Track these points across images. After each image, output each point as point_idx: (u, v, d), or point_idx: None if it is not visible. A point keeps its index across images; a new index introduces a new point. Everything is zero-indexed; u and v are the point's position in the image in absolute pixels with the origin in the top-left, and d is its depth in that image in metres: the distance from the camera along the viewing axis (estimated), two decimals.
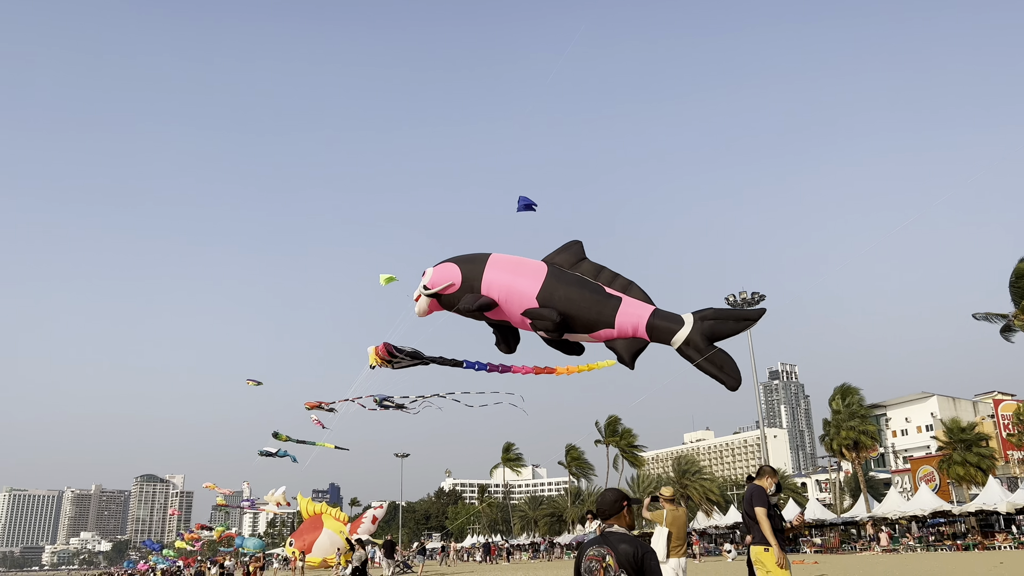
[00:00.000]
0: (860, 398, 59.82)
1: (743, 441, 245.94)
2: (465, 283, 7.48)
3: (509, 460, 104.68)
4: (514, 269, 7.49)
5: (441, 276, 7.64)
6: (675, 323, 6.91)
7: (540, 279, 7.23)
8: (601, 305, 7.06)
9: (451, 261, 7.76)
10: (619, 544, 4.25)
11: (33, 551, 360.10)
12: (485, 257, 7.66)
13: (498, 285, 7.38)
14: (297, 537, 46.76)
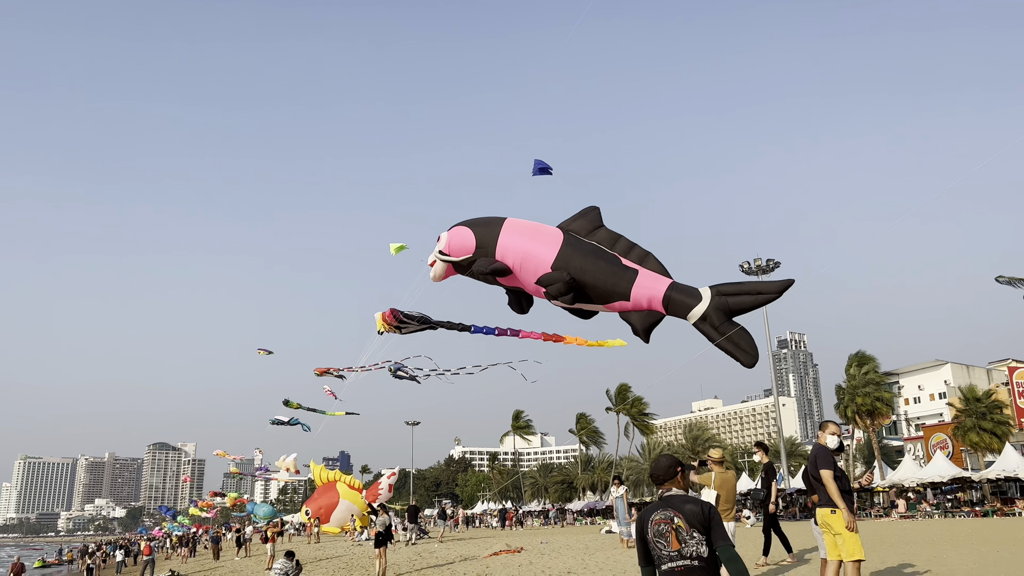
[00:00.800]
0: (876, 365, 59.48)
1: (751, 409, 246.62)
2: (480, 248, 7.37)
3: (519, 428, 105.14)
4: (530, 235, 7.32)
5: (456, 241, 7.52)
6: (692, 297, 6.68)
7: (556, 247, 7.07)
8: (617, 277, 6.90)
9: (466, 225, 7.62)
10: (683, 505, 4.31)
11: (49, 517, 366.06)
12: (500, 221, 7.51)
13: (513, 251, 7.26)
14: (311, 503, 46.91)
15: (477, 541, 28.52)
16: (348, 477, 47.27)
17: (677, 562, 4.19)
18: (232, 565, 31.71)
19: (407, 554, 23.72)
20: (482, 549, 23.24)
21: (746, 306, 6.72)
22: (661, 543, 4.26)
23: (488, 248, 7.36)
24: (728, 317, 6.61)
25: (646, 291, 6.84)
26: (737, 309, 6.66)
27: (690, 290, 6.75)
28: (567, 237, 7.21)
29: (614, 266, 6.98)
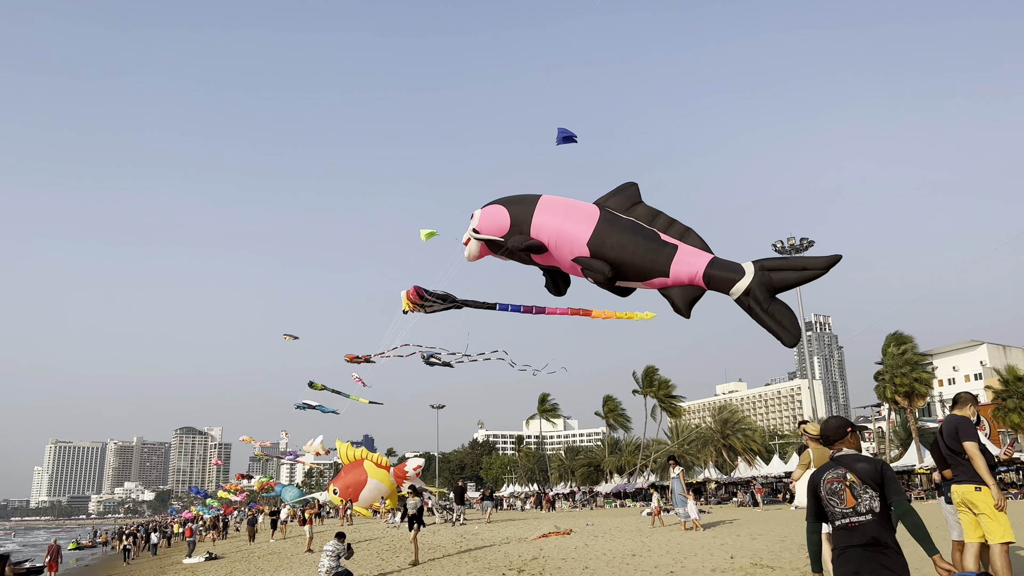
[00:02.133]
0: (914, 346, 58.29)
1: (776, 392, 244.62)
2: (514, 226, 7.22)
3: (545, 411, 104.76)
4: (565, 212, 7.14)
5: (489, 218, 7.38)
6: (735, 272, 6.45)
7: (592, 224, 6.89)
8: (656, 253, 6.70)
9: (500, 203, 7.47)
10: (856, 464, 4.44)
11: (80, 500, 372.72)
12: (535, 199, 7.34)
13: (548, 228, 7.08)
14: (338, 482, 46.70)
15: (520, 523, 28.04)
16: (375, 455, 46.84)
17: (851, 518, 4.36)
18: (269, 547, 31.50)
19: (451, 536, 23.26)
20: (527, 531, 22.74)
21: (790, 282, 6.44)
22: (834, 500, 4.44)
23: (523, 225, 7.18)
24: (771, 293, 6.36)
25: (686, 267, 6.61)
26: (781, 285, 6.40)
27: (732, 265, 6.54)
28: (603, 213, 7.01)
29: (653, 242, 6.76)
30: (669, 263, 6.65)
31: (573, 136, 8.38)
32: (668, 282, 6.74)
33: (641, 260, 6.72)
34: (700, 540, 14.60)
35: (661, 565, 11.59)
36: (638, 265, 6.74)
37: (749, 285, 6.36)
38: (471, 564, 15.00)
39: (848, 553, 4.36)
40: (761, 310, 6.33)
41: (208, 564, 27.70)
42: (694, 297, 6.78)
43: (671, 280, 6.71)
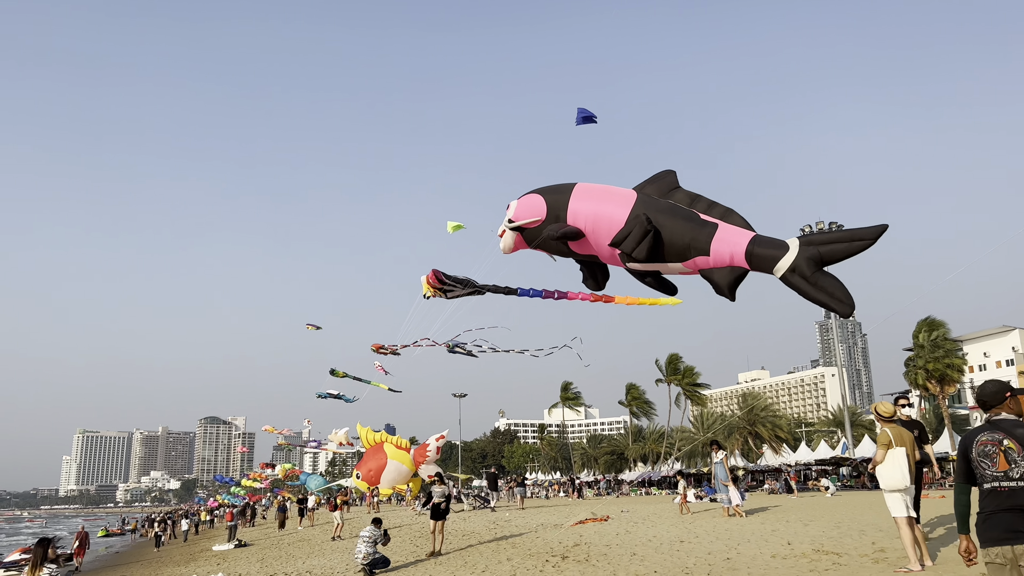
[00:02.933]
0: (946, 331, 57.19)
1: (799, 380, 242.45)
2: (550, 214, 7.08)
3: (568, 399, 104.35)
4: (601, 197, 7.04)
5: (526, 208, 7.23)
6: (778, 249, 6.30)
7: (629, 206, 6.78)
8: (695, 231, 6.55)
9: (535, 192, 7.35)
10: (1015, 429, 4.36)
11: (107, 489, 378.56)
12: (570, 187, 7.22)
13: (584, 214, 6.94)
14: (361, 467, 46.66)
15: (550, 510, 27.71)
16: (395, 438, 46.74)
17: (1002, 482, 4.26)
18: (298, 534, 31.43)
19: (483, 522, 22.97)
20: (560, 518, 22.38)
21: (839, 255, 6.24)
22: (986, 463, 4.35)
23: (559, 214, 7.05)
24: (818, 268, 6.19)
25: (727, 245, 6.46)
26: (830, 259, 6.22)
27: (776, 242, 6.37)
28: (641, 196, 6.90)
29: (692, 221, 6.63)
30: (709, 241, 6.48)
31: (593, 116, 8.28)
32: (709, 261, 6.56)
33: (680, 238, 6.53)
34: (748, 526, 14.13)
35: (714, 551, 11.15)
36: (677, 244, 6.55)
37: (794, 261, 6.17)
38: (510, 550, 14.64)
39: (996, 518, 4.27)
40: (809, 285, 6.14)
41: (238, 551, 27.63)
42: (737, 278, 6.59)
43: (712, 259, 6.53)
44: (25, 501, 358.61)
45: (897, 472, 8.05)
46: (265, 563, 20.42)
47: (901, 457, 8.06)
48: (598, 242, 6.98)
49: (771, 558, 10.00)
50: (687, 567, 10.04)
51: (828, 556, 9.58)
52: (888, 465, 8.15)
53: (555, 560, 12.34)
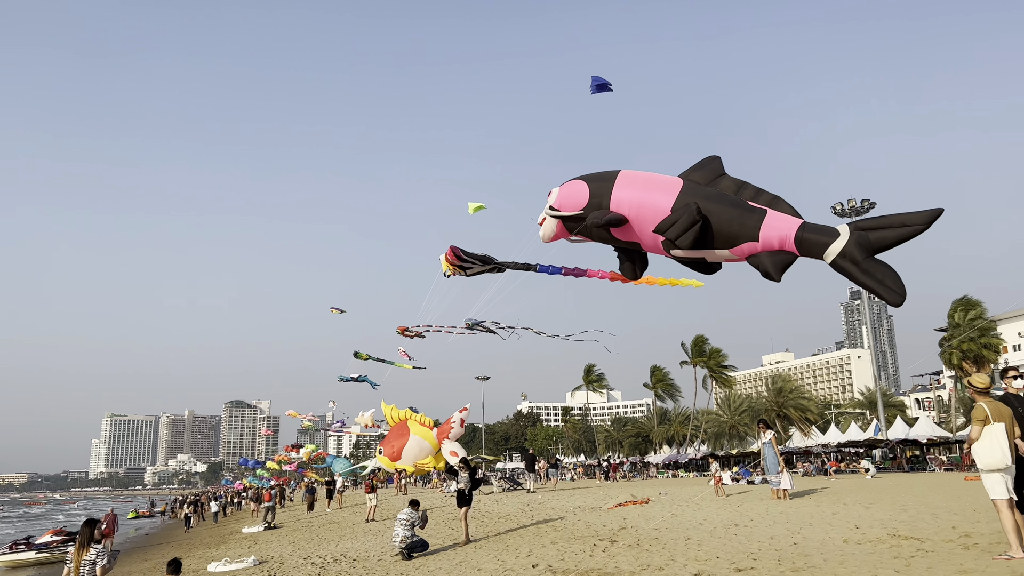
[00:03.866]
0: (983, 310, 55.76)
1: (824, 362, 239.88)
2: (593, 201, 6.99)
3: (591, 381, 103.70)
4: (645, 184, 6.94)
5: (568, 195, 7.12)
6: (828, 235, 6.23)
7: (674, 193, 6.68)
8: (744, 217, 6.46)
9: (578, 179, 7.24)
10: None
11: (136, 472, 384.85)
12: (614, 174, 7.12)
13: (628, 202, 6.85)
14: (385, 445, 46.48)
15: (583, 492, 27.20)
16: (419, 415, 46.55)
17: None
18: (327, 517, 31.22)
19: (517, 504, 22.51)
20: (596, 500, 21.86)
21: (890, 241, 6.09)
22: None
23: (602, 201, 6.95)
24: (869, 254, 6.08)
25: (776, 231, 6.36)
26: (880, 245, 6.09)
27: (825, 228, 6.31)
28: (686, 183, 6.80)
29: (740, 207, 6.54)
30: (759, 227, 6.40)
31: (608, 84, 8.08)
32: (757, 247, 6.47)
33: (728, 225, 6.45)
34: (802, 509, 13.48)
35: (777, 536, 10.52)
36: (726, 230, 6.47)
37: (844, 247, 6.08)
38: (552, 534, 14.11)
39: None
40: (859, 271, 6.06)
41: (268, 533, 27.43)
42: (786, 262, 6.48)
43: (760, 245, 6.44)
44: (56, 483, 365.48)
45: (996, 450, 7.35)
46: (297, 546, 20.10)
47: (1000, 434, 7.35)
48: (642, 229, 6.87)
49: (843, 543, 9.35)
50: (751, 552, 9.42)
51: (908, 542, 8.92)
52: (985, 443, 7.46)
53: (603, 544, 11.78)
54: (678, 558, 9.65)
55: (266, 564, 16.66)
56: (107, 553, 8.34)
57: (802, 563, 8.25)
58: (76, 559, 8.16)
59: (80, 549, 8.15)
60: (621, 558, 10.29)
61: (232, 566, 16.93)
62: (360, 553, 15.84)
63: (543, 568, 10.39)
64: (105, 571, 8.18)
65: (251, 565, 16.83)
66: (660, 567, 9.15)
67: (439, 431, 44.33)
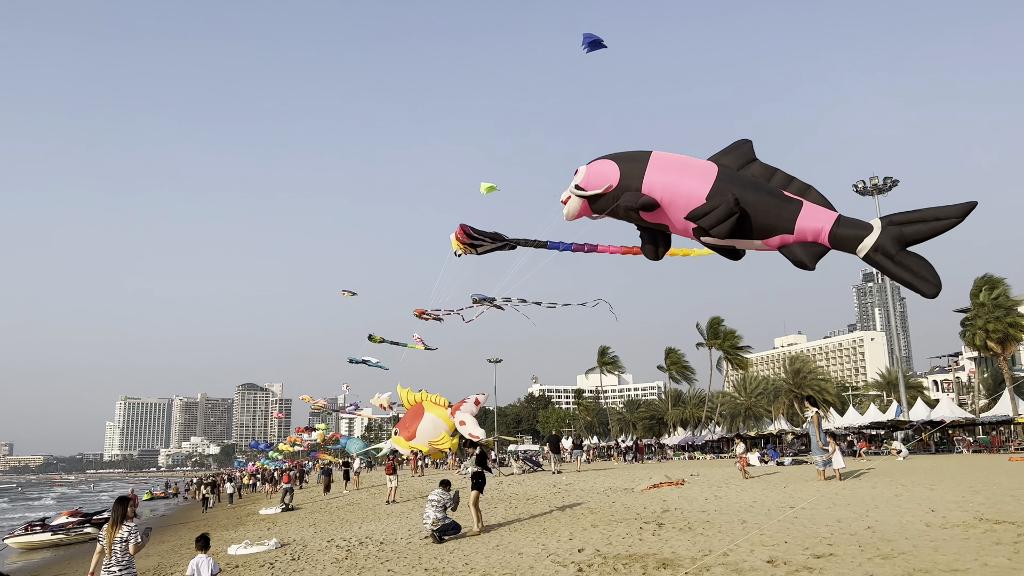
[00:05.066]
0: (1007, 289, 54.47)
1: (838, 345, 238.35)
2: (623, 182, 6.79)
3: (605, 363, 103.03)
4: (680, 169, 6.73)
5: (597, 174, 6.89)
6: (862, 230, 6.13)
7: (710, 180, 6.48)
8: (780, 209, 6.31)
9: (608, 158, 7.03)
10: None
11: (150, 454, 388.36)
12: (647, 156, 6.91)
13: (661, 185, 6.64)
14: (402, 427, 46.12)
15: (608, 473, 26.52)
16: (434, 396, 46.11)
17: None
18: (345, 498, 30.70)
19: (542, 486, 21.86)
20: (623, 482, 21.18)
21: (923, 234, 6.00)
22: None
23: (633, 183, 6.73)
24: (903, 247, 6.00)
25: (812, 224, 6.23)
26: (913, 238, 5.99)
27: (859, 223, 6.19)
28: (722, 170, 6.58)
29: (776, 198, 6.38)
30: (794, 220, 6.26)
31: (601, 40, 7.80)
32: (790, 239, 6.34)
33: (764, 216, 6.31)
34: (858, 491, 12.72)
35: (845, 519, 9.77)
36: (761, 221, 6.33)
37: (878, 241, 6.01)
38: (589, 516, 13.41)
39: None
40: (893, 264, 5.98)
41: (287, 515, 26.94)
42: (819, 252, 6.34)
43: (794, 238, 6.32)
44: (71, 466, 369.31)
45: None
46: (318, 528, 19.53)
47: None
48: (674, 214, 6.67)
49: (926, 527, 8.59)
50: (823, 537, 8.67)
51: (1002, 526, 8.15)
52: None
53: (651, 527, 11.06)
54: (740, 543, 8.92)
55: (288, 547, 16.08)
56: (140, 530, 8.22)
57: (888, 549, 7.50)
58: (109, 536, 8.02)
59: (113, 526, 8.04)
60: (675, 543, 9.57)
61: (253, 548, 16.36)
62: (386, 536, 15.22)
63: (590, 553, 9.68)
64: (138, 548, 8.10)
65: (272, 548, 16.25)
66: (724, 553, 8.41)
67: (453, 411, 43.92)
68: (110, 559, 7.95)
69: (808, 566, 7.18)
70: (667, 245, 7.27)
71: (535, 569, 9.18)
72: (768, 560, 7.66)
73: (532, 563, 9.60)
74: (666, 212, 6.71)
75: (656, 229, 7.11)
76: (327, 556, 13.63)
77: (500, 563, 10.01)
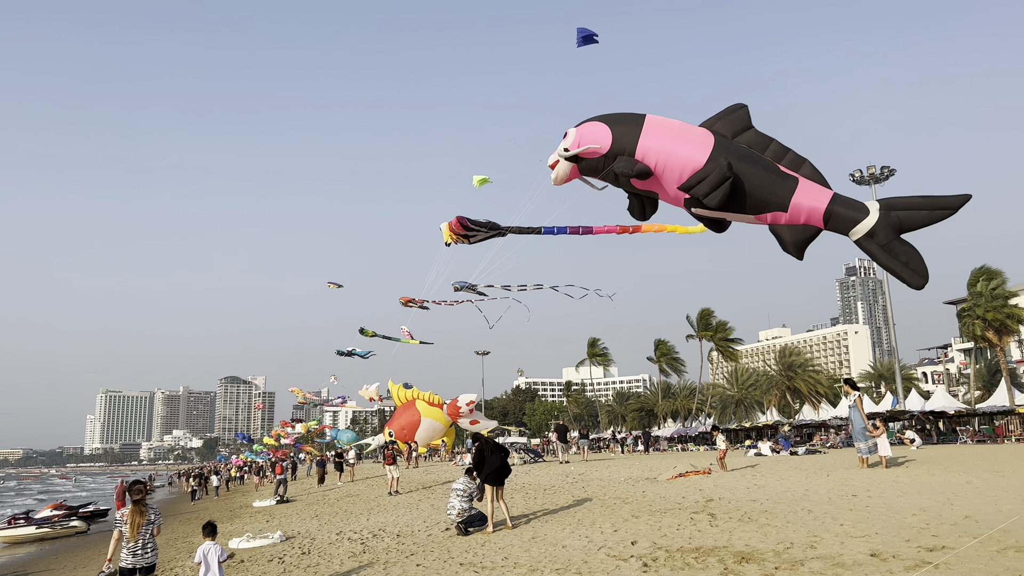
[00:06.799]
0: (1004, 280, 54.34)
1: (822, 338, 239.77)
2: (616, 147, 6.50)
3: (595, 355, 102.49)
4: (676, 135, 6.45)
5: (588, 137, 6.56)
6: (858, 212, 6.07)
7: (707, 149, 6.23)
8: (776, 185, 6.13)
9: (600, 120, 6.69)
10: None
11: (131, 447, 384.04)
12: (640, 119, 6.59)
13: (656, 152, 6.36)
14: (392, 424, 45.17)
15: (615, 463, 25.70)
16: (427, 394, 45.14)
17: None
18: (342, 490, 29.68)
19: (553, 476, 20.98)
20: (639, 472, 20.35)
21: (919, 222, 5.94)
22: None
23: (626, 148, 6.40)
24: (897, 235, 5.93)
25: (807, 203, 6.07)
26: (908, 226, 5.93)
27: (855, 204, 6.08)
28: (718, 139, 6.32)
29: (773, 173, 6.16)
30: (790, 197, 6.08)
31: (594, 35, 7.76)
32: (783, 218, 6.16)
33: (760, 191, 6.10)
34: (916, 478, 11.91)
35: (929, 508, 8.91)
36: (756, 196, 6.12)
37: (874, 227, 5.91)
38: (625, 507, 12.51)
39: None
40: (884, 252, 5.90)
41: (283, 507, 25.90)
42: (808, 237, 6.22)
43: (787, 216, 6.14)
44: (52, 459, 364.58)
45: None
46: (322, 520, 18.52)
47: None
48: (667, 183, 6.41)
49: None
50: (918, 527, 7.80)
51: None
52: None
53: (702, 518, 10.17)
54: (822, 533, 8.04)
55: (295, 540, 15.07)
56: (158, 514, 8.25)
57: (1011, 541, 6.63)
58: (135, 519, 7.89)
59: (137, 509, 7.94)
60: (742, 534, 8.68)
61: (257, 542, 15.33)
62: (401, 528, 14.24)
63: (647, 545, 8.77)
64: (159, 531, 8.17)
65: (278, 541, 15.24)
66: (810, 545, 7.52)
67: (448, 410, 42.95)
68: (136, 542, 7.82)
69: (925, 559, 6.30)
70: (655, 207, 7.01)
71: (590, 564, 8.25)
72: (871, 553, 6.77)
73: (584, 556, 8.67)
74: (659, 180, 6.47)
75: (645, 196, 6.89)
76: (341, 550, 12.65)
77: (546, 557, 9.07)
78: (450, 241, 9.24)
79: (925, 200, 6.06)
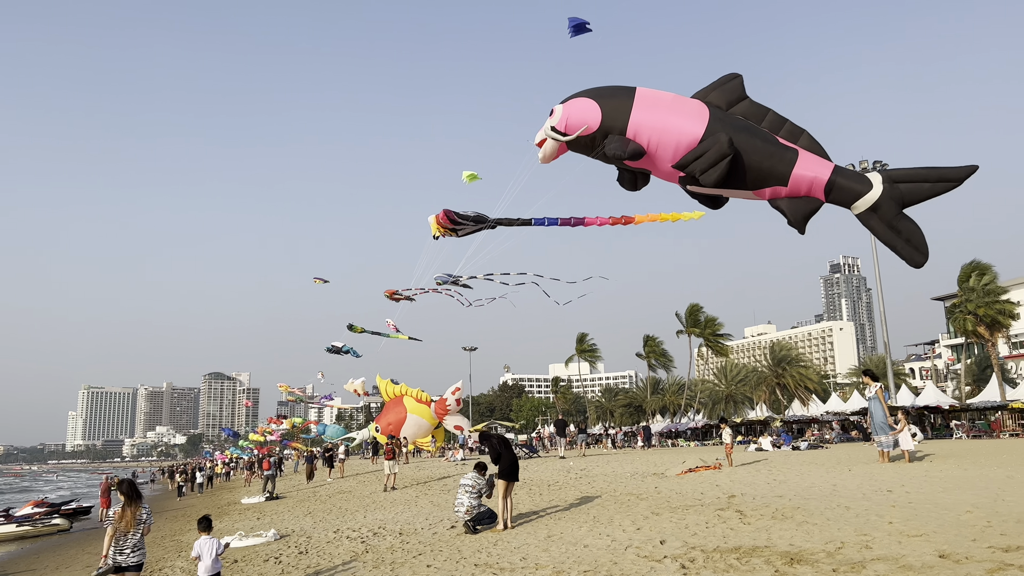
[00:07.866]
0: (995, 275, 54.32)
1: (807, 334, 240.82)
2: (605, 123, 6.15)
3: (584, 351, 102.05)
4: (669, 109, 6.10)
5: (576, 114, 6.25)
6: (861, 184, 5.84)
7: (703, 122, 5.90)
8: (776, 158, 5.84)
9: (588, 96, 6.36)
10: None
11: (114, 444, 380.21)
12: (631, 92, 6.25)
13: (649, 128, 6.02)
14: (380, 420, 44.50)
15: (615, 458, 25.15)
16: (415, 391, 44.48)
17: None
18: (333, 487, 28.94)
19: (555, 471, 20.37)
20: (643, 467, 19.79)
21: (922, 195, 5.76)
22: None
23: (616, 125, 6.07)
24: (900, 209, 5.74)
25: (808, 175, 5.88)
26: (912, 199, 5.76)
27: (858, 176, 5.95)
28: (714, 111, 6.03)
29: (773, 145, 5.94)
30: (790, 169, 5.88)
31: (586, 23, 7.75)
32: (783, 191, 5.97)
33: (759, 164, 5.84)
34: (948, 472, 11.41)
35: (980, 505, 8.36)
36: (755, 169, 5.87)
37: (878, 200, 5.74)
38: (641, 504, 11.91)
39: None
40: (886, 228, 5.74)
41: (272, 504, 25.13)
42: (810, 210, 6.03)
43: (788, 188, 5.93)
44: (32, 456, 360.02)
45: None
46: (316, 517, 17.81)
47: None
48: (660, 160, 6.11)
49: None
50: (979, 526, 7.23)
51: None
52: None
53: (730, 515, 9.58)
54: (871, 532, 7.46)
55: (290, 538, 14.36)
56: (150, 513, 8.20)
57: None
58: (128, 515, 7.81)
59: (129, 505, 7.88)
60: (781, 533, 8.09)
61: (250, 540, 14.60)
62: (403, 526, 13.57)
63: (679, 545, 8.16)
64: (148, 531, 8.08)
65: (271, 540, 14.52)
66: (864, 545, 6.94)
67: (436, 408, 42.32)
68: (125, 540, 7.71)
69: (1005, 562, 5.73)
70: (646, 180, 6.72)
71: (620, 565, 7.63)
72: (939, 554, 6.19)
73: (612, 557, 8.04)
74: (652, 157, 6.18)
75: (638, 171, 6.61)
76: (341, 548, 11.97)
77: (568, 557, 8.44)
78: (438, 234, 9.08)
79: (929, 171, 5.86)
